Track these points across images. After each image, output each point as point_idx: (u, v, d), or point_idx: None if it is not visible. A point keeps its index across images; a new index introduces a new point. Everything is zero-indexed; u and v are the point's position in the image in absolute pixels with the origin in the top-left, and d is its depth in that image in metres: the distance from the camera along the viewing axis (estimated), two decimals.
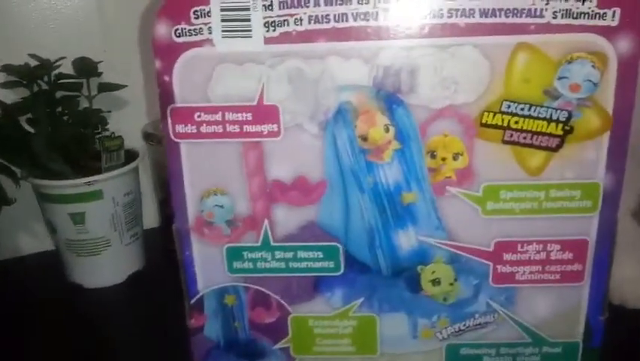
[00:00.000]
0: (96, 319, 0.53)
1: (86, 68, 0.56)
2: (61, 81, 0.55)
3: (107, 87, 0.56)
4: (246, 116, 0.30)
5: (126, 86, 0.58)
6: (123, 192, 0.55)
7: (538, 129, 0.29)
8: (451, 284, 0.32)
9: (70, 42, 0.59)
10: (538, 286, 0.32)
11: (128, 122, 0.62)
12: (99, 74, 0.56)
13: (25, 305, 0.55)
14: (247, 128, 0.30)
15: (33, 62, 0.54)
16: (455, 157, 0.30)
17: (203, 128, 0.30)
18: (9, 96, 0.54)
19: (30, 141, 0.51)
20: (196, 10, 0.29)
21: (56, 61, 0.54)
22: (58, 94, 0.55)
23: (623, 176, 0.30)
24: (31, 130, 0.54)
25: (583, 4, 0.27)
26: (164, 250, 0.62)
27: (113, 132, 0.56)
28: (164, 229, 0.66)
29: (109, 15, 0.62)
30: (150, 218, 0.67)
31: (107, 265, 0.56)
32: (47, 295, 0.57)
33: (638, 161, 0.43)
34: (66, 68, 0.55)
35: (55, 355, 0.47)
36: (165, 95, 0.30)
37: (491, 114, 0.29)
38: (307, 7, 0.28)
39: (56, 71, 0.54)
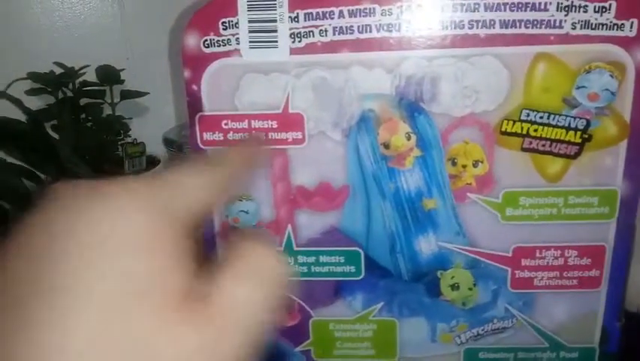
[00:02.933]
0: None
1: (109, 75, 0.57)
2: (85, 89, 0.56)
3: (129, 94, 0.58)
4: (272, 124, 0.31)
5: (148, 93, 0.59)
6: None
7: (557, 137, 0.30)
8: (470, 289, 0.33)
9: (94, 51, 0.60)
10: (556, 291, 0.32)
11: (149, 128, 0.63)
12: (122, 82, 0.57)
13: None
14: (272, 135, 0.31)
15: (58, 70, 0.55)
16: (475, 164, 0.30)
17: (230, 136, 0.31)
18: (35, 103, 0.55)
19: (55, 147, 0.53)
20: (224, 22, 0.30)
21: (80, 69, 0.56)
22: (82, 101, 0.56)
23: None
24: (56, 136, 0.55)
25: (601, 15, 0.28)
26: None
27: (135, 139, 0.57)
28: None
29: (131, 24, 0.63)
30: None
31: None
32: None
33: None
34: (90, 75, 0.56)
35: None
36: (194, 104, 0.31)
37: (511, 122, 0.30)
38: (332, 18, 0.29)
39: (80, 79, 0.56)
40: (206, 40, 0.30)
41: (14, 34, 0.59)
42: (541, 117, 0.29)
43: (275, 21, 0.30)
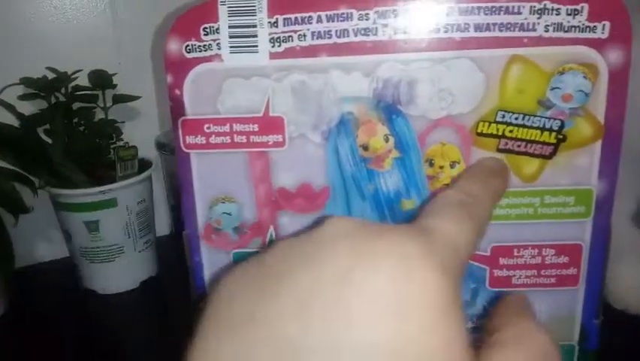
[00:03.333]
0: (109, 324, 0.55)
1: (102, 80, 0.58)
2: (78, 93, 0.57)
3: (121, 99, 0.58)
4: (253, 127, 0.32)
5: (140, 97, 0.60)
6: (136, 201, 0.57)
7: (532, 138, 0.30)
8: None
9: (86, 55, 0.61)
10: (534, 289, 0.33)
11: (141, 132, 0.64)
12: (114, 86, 0.58)
13: (41, 311, 0.57)
14: (254, 138, 0.32)
15: (50, 75, 0.56)
16: (452, 165, 0.31)
17: (212, 139, 0.32)
18: (27, 108, 0.56)
19: (47, 151, 0.53)
20: (205, 27, 0.30)
21: (73, 73, 0.56)
22: (75, 105, 0.57)
23: (615, 182, 0.31)
24: (49, 141, 0.56)
25: (574, 17, 0.28)
26: (176, 256, 0.64)
27: (127, 142, 0.58)
28: (175, 236, 0.68)
29: (123, 29, 0.64)
30: (162, 225, 0.69)
31: (121, 271, 0.58)
32: (62, 301, 0.59)
33: (636, 167, 0.44)
34: (82, 80, 0.57)
35: (70, 358, 0.49)
36: (176, 108, 0.32)
37: (486, 124, 0.30)
38: (310, 23, 0.30)
39: (73, 84, 0.56)
40: (188, 45, 0.31)
41: (7, 40, 0.60)
42: (516, 118, 0.30)
43: (255, 26, 0.30)
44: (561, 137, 0.30)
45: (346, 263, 0.15)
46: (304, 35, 0.30)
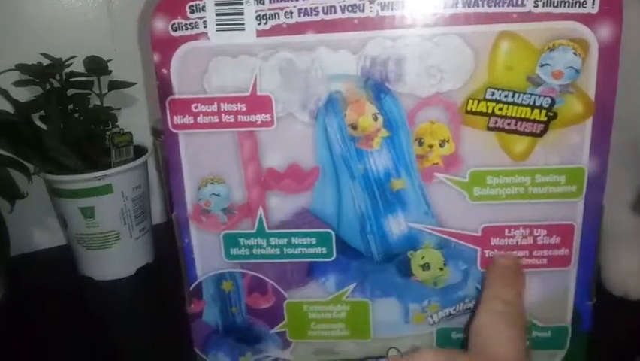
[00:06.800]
0: (106, 311, 0.55)
1: (97, 66, 0.57)
2: (73, 79, 0.56)
3: (116, 85, 0.58)
4: (241, 107, 0.31)
5: (135, 83, 0.59)
6: (132, 187, 0.57)
7: (522, 116, 0.30)
8: (441, 269, 0.33)
9: (81, 41, 0.60)
10: (527, 270, 0.32)
11: (137, 118, 0.63)
12: (109, 73, 0.58)
13: (38, 298, 0.57)
14: (241, 118, 0.31)
15: (45, 62, 0.56)
16: (442, 144, 0.31)
17: (200, 119, 0.32)
18: (22, 94, 0.56)
19: (42, 137, 0.53)
20: (191, 5, 0.30)
21: (67, 60, 0.56)
22: (70, 92, 0.56)
23: (607, 161, 0.30)
24: (44, 127, 0.55)
25: None
26: (173, 243, 0.64)
27: (122, 128, 0.57)
28: (171, 223, 0.68)
29: (118, 15, 0.64)
30: (159, 213, 0.69)
31: (117, 258, 0.58)
32: (59, 288, 0.59)
33: (636, 154, 0.43)
34: (77, 66, 0.57)
35: (67, 345, 0.49)
36: (164, 88, 0.32)
37: (476, 101, 0.30)
38: (296, 0, 0.29)
39: (68, 70, 0.56)
40: (174, 23, 0.30)
41: (1, 27, 0.60)
42: (505, 96, 0.29)
43: (241, 3, 0.30)
44: (552, 114, 0.30)
45: None
46: (291, 12, 0.30)
